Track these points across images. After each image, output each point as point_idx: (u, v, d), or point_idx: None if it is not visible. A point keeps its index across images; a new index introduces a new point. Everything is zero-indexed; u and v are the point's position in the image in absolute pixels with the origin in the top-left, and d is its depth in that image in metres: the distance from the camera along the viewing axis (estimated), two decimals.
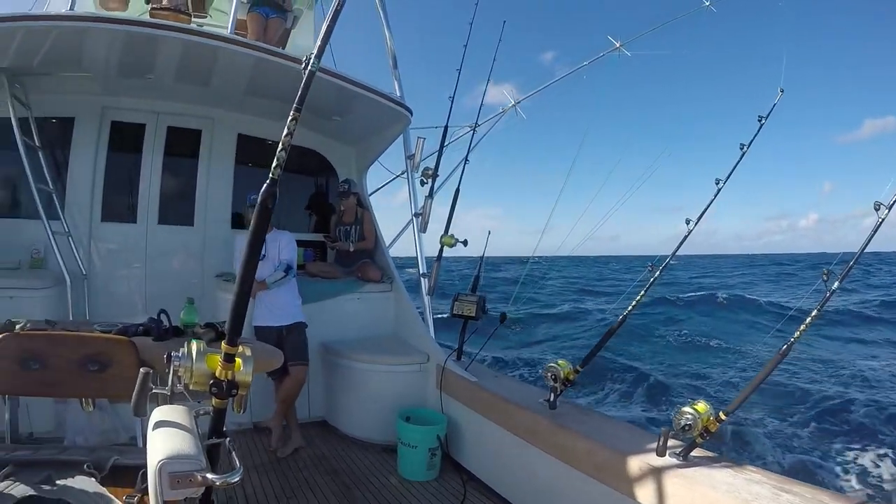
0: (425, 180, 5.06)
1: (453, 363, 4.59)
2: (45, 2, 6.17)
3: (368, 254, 5.85)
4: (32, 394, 2.71)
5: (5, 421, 2.65)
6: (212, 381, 1.53)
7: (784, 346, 2.62)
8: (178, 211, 5.81)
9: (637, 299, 3.49)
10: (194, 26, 4.69)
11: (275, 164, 1.46)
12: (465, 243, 4.83)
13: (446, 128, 5.40)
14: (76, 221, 5.23)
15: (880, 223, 2.50)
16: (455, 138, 5.67)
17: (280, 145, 1.44)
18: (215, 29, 4.83)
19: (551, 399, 3.58)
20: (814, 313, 2.58)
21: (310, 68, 1.49)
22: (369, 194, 6.27)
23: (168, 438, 1.50)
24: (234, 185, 5.98)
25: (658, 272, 3.47)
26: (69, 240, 4.99)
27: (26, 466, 2.16)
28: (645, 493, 2.69)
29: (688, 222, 3.44)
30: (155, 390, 1.72)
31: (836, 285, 2.56)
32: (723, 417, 2.68)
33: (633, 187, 3.78)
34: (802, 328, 2.59)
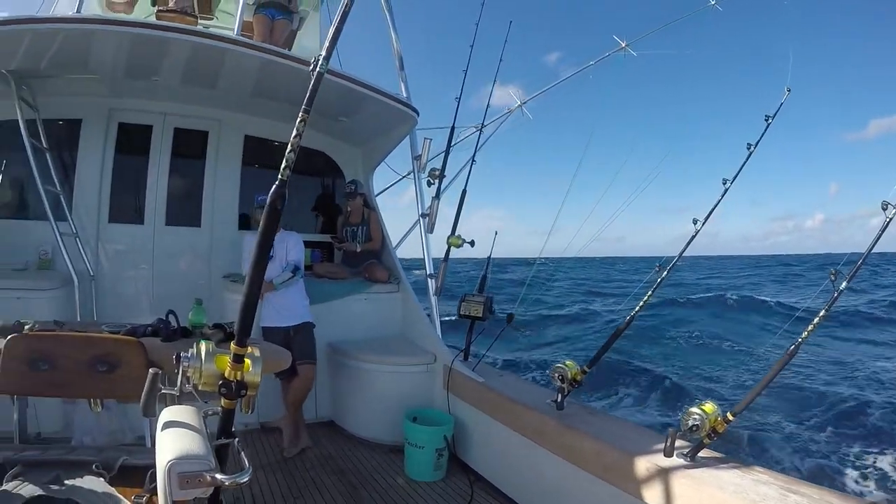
0: (432, 181, 5.05)
1: (460, 364, 4.58)
2: (51, 4, 6.21)
3: (375, 254, 5.84)
4: (41, 394, 2.72)
5: (14, 421, 2.66)
6: (221, 382, 1.53)
7: (792, 347, 2.60)
8: (185, 212, 5.81)
9: (644, 300, 3.46)
10: (201, 28, 4.71)
11: (284, 166, 1.45)
12: (472, 244, 4.82)
13: (453, 128, 5.39)
14: (84, 223, 5.24)
15: (888, 223, 2.48)
16: (461, 139, 5.66)
17: (289, 147, 1.44)
18: (221, 31, 4.84)
19: (559, 400, 3.57)
20: (822, 313, 2.57)
21: (318, 70, 1.49)
22: (376, 195, 6.28)
23: (177, 439, 1.50)
24: (241, 186, 5.98)
25: (665, 272, 3.45)
26: (77, 241, 5.00)
27: (35, 466, 2.16)
28: (652, 493, 2.68)
29: (695, 222, 3.43)
30: (164, 391, 1.73)
31: (845, 285, 2.55)
32: (730, 418, 2.67)
33: (639, 188, 3.77)
34: (810, 328, 2.57)
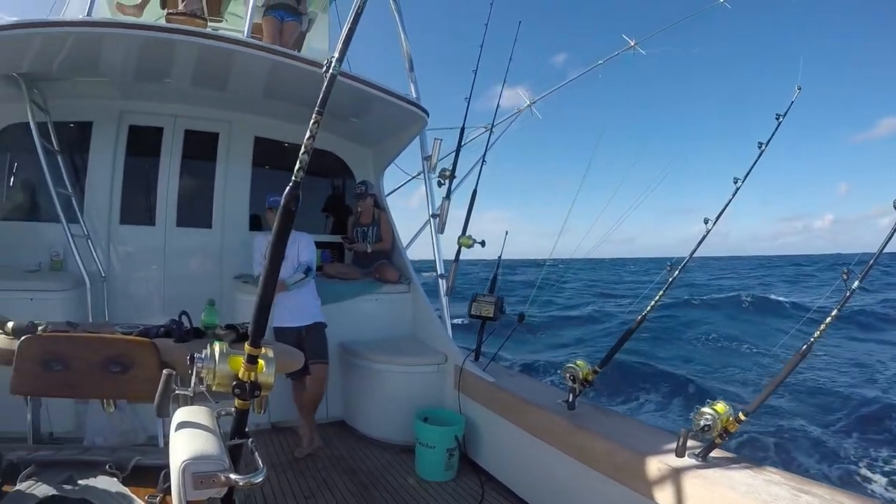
0: (443, 181, 5.04)
1: (471, 364, 4.57)
2: (62, 8, 6.24)
3: (386, 255, 5.84)
4: (54, 395, 2.73)
5: (27, 421, 2.67)
6: (235, 383, 1.53)
7: (804, 346, 2.59)
8: (195, 213, 5.83)
9: (656, 299, 3.44)
10: (210, 31, 4.72)
11: (297, 167, 1.45)
12: (482, 244, 4.80)
13: (463, 128, 5.39)
14: (95, 224, 5.26)
15: None
16: (471, 139, 5.65)
17: (302, 148, 1.44)
18: (231, 33, 4.85)
19: (570, 399, 3.56)
20: (834, 312, 2.56)
21: (331, 71, 1.49)
22: (386, 195, 6.28)
23: (191, 439, 1.50)
24: (252, 188, 6.00)
25: (677, 272, 3.43)
26: (88, 242, 5.02)
27: (48, 466, 2.17)
28: (664, 494, 2.67)
29: (706, 221, 3.41)
30: (178, 391, 1.73)
31: (857, 285, 2.54)
32: (742, 418, 2.66)
33: (649, 189, 3.76)
34: (822, 328, 2.56)
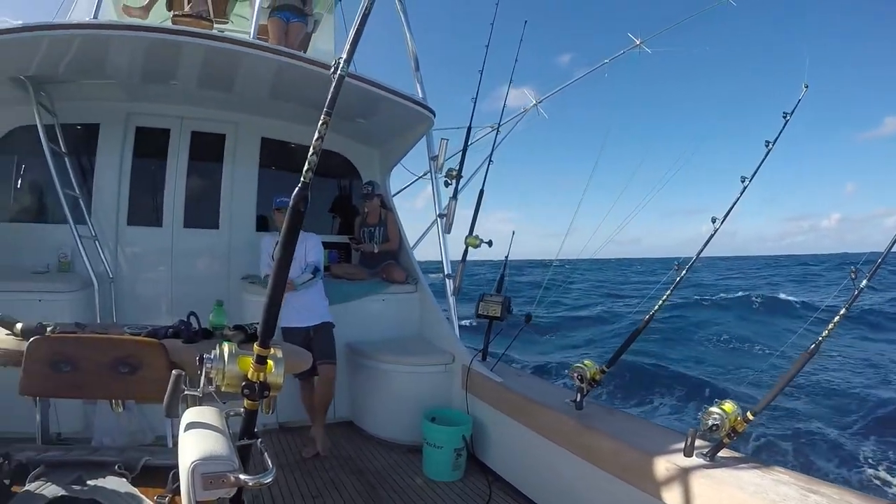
0: (449, 181, 5.04)
1: (479, 364, 4.57)
2: (68, 11, 6.26)
3: (393, 255, 5.85)
4: (63, 396, 2.73)
5: (36, 422, 2.68)
6: (244, 383, 1.53)
7: (812, 346, 2.58)
8: (203, 214, 5.84)
9: (664, 298, 3.45)
10: (216, 32, 4.73)
11: (306, 168, 1.45)
12: (489, 244, 4.80)
13: (469, 128, 5.38)
14: (102, 225, 5.27)
15: None
16: (477, 139, 5.64)
17: (311, 149, 1.44)
18: (237, 34, 4.86)
19: (577, 399, 3.55)
20: (842, 311, 2.56)
21: (339, 72, 1.48)
22: (392, 195, 6.27)
23: (201, 439, 1.50)
24: (259, 188, 6.00)
25: (685, 271, 3.43)
26: (96, 243, 5.03)
27: (57, 467, 2.18)
28: (671, 493, 2.67)
29: (714, 221, 3.40)
30: (187, 392, 1.73)
31: (865, 283, 2.53)
32: (750, 417, 2.65)
33: (655, 189, 3.75)
34: (831, 326, 2.56)
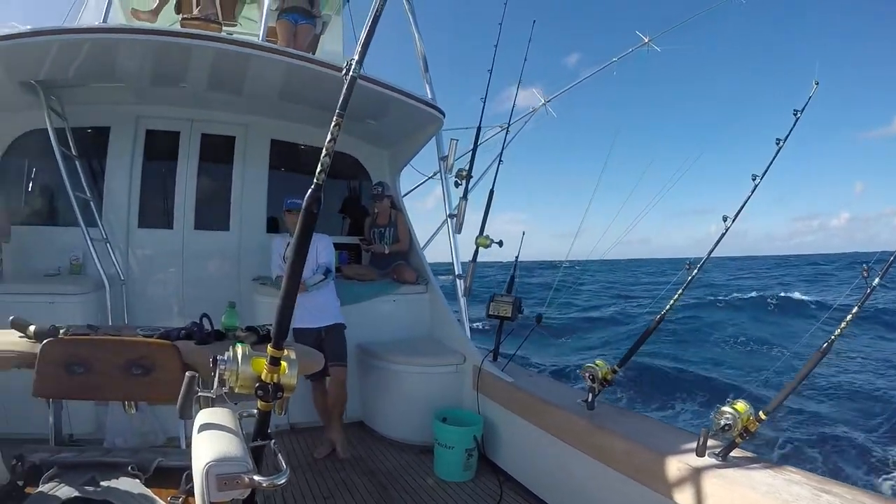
0: (459, 181, 5.02)
1: (489, 364, 4.56)
2: (77, 15, 6.30)
3: (403, 255, 5.84)
4: (77, 397, 2.75)
5: (49, 424, 2.70)
6: (258, 385, 1.53)
7: (824, 344, 2.57)
8: (213, 216, 5.86)
9: (675, 298, 3.44)
10: (225, 35, 4.74)
11: (319, 170, 1.46)
12: (500, 244, 4.78)
13: (479, 128, 5.37)
14: (114, 228, 5.29)
15: None
16: (487, 138, 5.63)
17: (323, 151, 1.45)
18: (246, 37, 4.87)
19: (589, 399, 3.53)
20: (854, 310, 2.55)
21: (351, 74, 1.49)
22: (402, 196, 6.27)
23: (215, 441, 1.51)
24: (269, 190, 6.02)
25: (696, 270, 3.42)
26: (107, 246, 5.05)
27: (71, 468, 2.20)
28: (683, 493, 2.65)
29: (725, 219, 3.38)
30: (200, 393, 1.74)
31: (877, 281, 2.52)
32: (762, 417, 2.64)
33: (665, 189, 3.74)
34: (843, 325, 2.55)
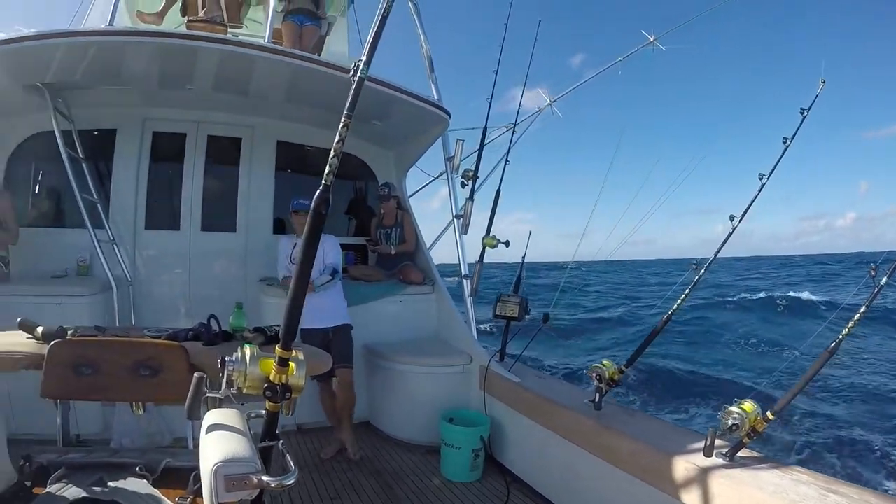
0: (466, 182, 5.02)
1: (496, 364, 4.55)
2: (83, 18, 6.32)
3: (410, 256, 5.84)
4: (84, 398, 2.75)
5: (57, 425, 2.71)
6: (266, 385, 1.53)
7: (832, 344, 2.57)
8: (220, 217, 5.88)
9: (682, 298, 3.42)
10: (231, 36, 4.75)
11: (327, 171, 1.46)
12: (507, 244, 4.77)
13: (485, 129, 5.35)
14: (120, 229, 5.32)
15: None
16: (493, 139, 5.62)
17: (332, 152, 1.45)
18: (252, 39, 4.88)
19: (596, 399, 3.52)
20: (862, 310, 2.54)
21: (359, 75, 1.49)
22: (408, 196, 6.28)
23: (223, 441, 1.51)
24: (275, 191, 6.04)
25: (703, 270, 3.40)
26: (114, 247, 5.07)
27: (78, 469, 2.21)
28: (691, 494, 2.65)
29: (732, 218, 3.37)
30: (208, 394, 1.74)
31: (885, 280, 2.52)
32: (770, 417, 2.62)
33: (670, 189, 3.73)
34: (851, 324, 2.54)
